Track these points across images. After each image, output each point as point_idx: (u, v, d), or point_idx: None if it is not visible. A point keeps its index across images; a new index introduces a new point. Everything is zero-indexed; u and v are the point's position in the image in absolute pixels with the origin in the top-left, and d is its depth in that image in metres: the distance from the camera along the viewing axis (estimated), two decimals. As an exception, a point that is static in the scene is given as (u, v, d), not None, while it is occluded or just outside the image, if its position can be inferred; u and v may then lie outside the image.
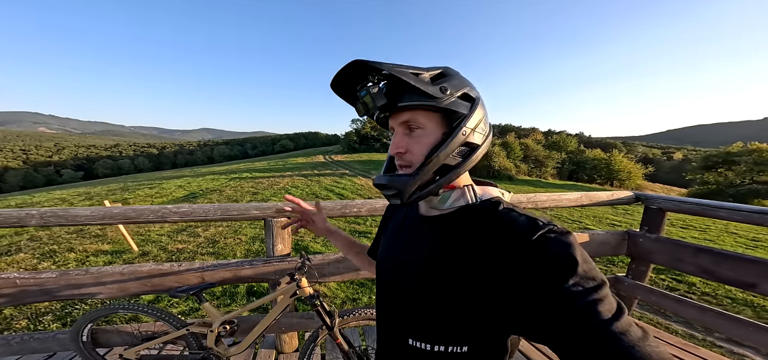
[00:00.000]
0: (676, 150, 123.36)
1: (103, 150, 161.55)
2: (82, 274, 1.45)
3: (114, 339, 1.58)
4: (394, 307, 0.60)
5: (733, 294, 3.73)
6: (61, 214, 1.37)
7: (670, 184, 36.01)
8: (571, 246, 0.41)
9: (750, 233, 7.12)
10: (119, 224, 1.45)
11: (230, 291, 3.46)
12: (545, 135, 50.36)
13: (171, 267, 1.50)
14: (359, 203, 1.59)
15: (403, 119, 0.51)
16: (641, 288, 1.92)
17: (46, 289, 1.43)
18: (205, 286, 1.45)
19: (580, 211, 9.06)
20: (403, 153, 0.52)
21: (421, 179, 0.50)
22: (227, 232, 5.95)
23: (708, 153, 23.92)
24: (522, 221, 0.46)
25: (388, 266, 0.64)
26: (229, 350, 1.47)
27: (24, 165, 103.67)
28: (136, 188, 13.38)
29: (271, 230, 1.59)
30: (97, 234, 5.81)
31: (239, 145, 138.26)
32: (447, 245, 0.52)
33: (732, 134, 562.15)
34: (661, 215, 1.86)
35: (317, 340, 1.46)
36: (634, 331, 0.35)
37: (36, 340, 1.55)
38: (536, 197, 1.85)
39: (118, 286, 1.48)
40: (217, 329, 1.41)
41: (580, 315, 0.36)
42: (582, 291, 0.37)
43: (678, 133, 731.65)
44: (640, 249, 1.90)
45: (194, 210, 1.48)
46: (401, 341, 0.56)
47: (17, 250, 4.94)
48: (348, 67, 0.47)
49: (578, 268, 0.39)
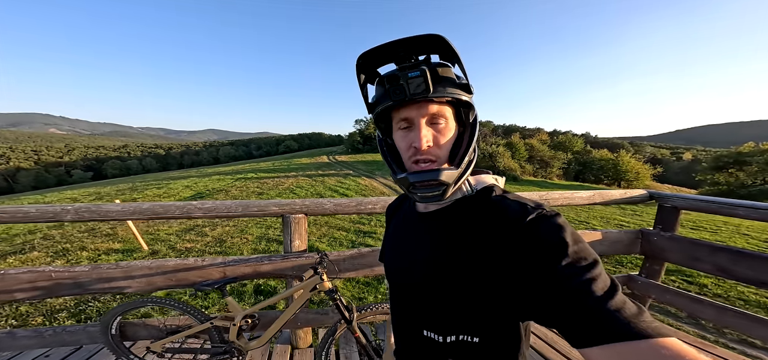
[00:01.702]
0: (685, 150, 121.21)
1: (111, 151, 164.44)
2: (113, 268, 1.51)
3: (140, 332, 1.63)
4: (405, 304, 0.61)
5: (745, 296, 3.65)
6: (94, 210, 1.44)
7: (680, 185, 35.40)
8: (562, 228, 0.42)
9: (762, 235, 6.96)
10: (146, 219, 1.50)
11: (238, 290, 3.50)
12: (550, 135, 49.86)
13: (195, 262, 1.55)
14: (374, 200, 1.63)
15: (433, 111, 0.49)
16: (655, 287, 1.90)
17: (79, 282, 1.49)
18: (228, 281, 1.49)
19: (587, 212, 8.95)
20: (432, 146, 0.50)
21: (464, 172, 0.50)
22: (234, 232, 6.01)
23: (718, 153, 23.46)
24: (513, 207, 0.47)
25: (395, 267, 0.65)
26: (249, 344, 1.51)
27: (35, 165, 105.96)
28: (144, 188, 13.59)
29: (289, 227, 1.62)
30: (108, 233, 5.92)
31: (244, 146, 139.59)
32: (447, 240, 0.52)
33: (743, 134, 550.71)
34: (675, 214, 1.84)
35: (336, 333, 1.49)
36: (629, 306, 0.35)
37: (67, 332, 1.61)
38: (549, 195, 1.85)
39: (145, 280, 1.53)
40: (239, 323, 1.45)
41: (575, 295, 0.36)
42: (575, 271, 0.37)
43: (687, 133, 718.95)
44: (654, 248, 1.88)
45: (217, 206, 1.53)
46: (416, 333, 0.57)
47: (31, 249, 5.05)
48: (419, 39, 0.45)
49: (569, 249, 0.39)
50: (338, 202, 1.60)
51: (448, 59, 0.49)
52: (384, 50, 0.47)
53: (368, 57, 0.48)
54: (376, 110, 0.52)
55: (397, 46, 0.46)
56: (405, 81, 0.45)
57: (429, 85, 0.45)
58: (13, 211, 1.40)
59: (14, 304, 3.05)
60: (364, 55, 0.48)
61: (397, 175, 0.52)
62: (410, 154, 0.51)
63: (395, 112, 0.51)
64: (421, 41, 0.45)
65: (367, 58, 0.48)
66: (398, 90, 0.46)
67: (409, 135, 0.50)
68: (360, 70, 0.50)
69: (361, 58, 0.48)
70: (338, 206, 1.60)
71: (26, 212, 1.40)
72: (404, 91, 0.46)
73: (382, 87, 0.50)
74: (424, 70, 0.45)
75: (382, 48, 0.47)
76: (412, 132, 0.50)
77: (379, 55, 0.48)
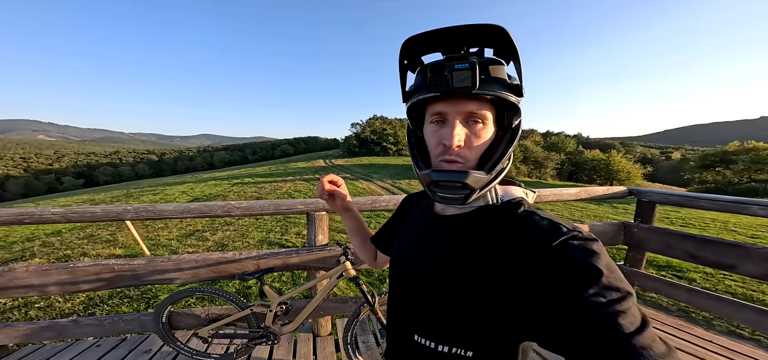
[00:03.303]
0: (674, 150, 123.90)
1: (102, 157, 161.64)
2: (165, 261, 1.64)
3: (185, 321, 1.74)
4: (402, 303, 0.59)
5: (732, 289, 3.84)
6: (151, 209, 1.58)
7: (670, 183, 36.15)
8: (596, 254, 0.38)
9: (749, 231, 7.22)
10: (195, 218, 1.65)
11: (243, 291, 3.55)
12: (544, 136, 50.61)
13: (234, 255, 1.69)
14: (387, 198, 1.77)
15: (470, 109, 0.45)
16: (638, 275, 2.08)
17: (136, 273, 1.61)
18: (266, 271, 1.62)
19: (580, 211, 9.17)
20: (462, 146, 0.46)
21: (494, 179, 0.47)
22: (235, 236, 6.04)
23: (705, 152, 24.12)
24: (544, 225, 0.43)
25: (401, 263, 0.62)
26: (282, 329, 1.65)
27: (25, 173, 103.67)
28: (139, 195, 13.47)
29: (313, 223, 1.75)
30: (107, 239, 5.91)
31: (239, 151, 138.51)
32: (460, 246, 0.49)
33: (729, 133, 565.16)
34: (651, 207, 2.04)
35: (359, 316, 1.63)
36: (657, 345, 0.33)
37: (124, 321, 1.71)
38: (540, 192, 2.02)
39: (192, 272, 1.66)
40: (275, 309, 1.59)
41: (599, 326, 0.34)
42: (604, 302, 0.35)
43: (675, 133, 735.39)
44: (635, 238, 2.07)
45: (252, 205, 1.65)
46: (408, 337, 0.55)
47: (31, 256, 5.04)
48: (480, 28, 0.41)
49: (602, 277, 0.36)
50: (356, 200, 1.76)
51: (504, 55, 0.45)
52: (434, 36, 0.43)
53: (415, 42, 0.44)
54: (411, 100, 0.49)
55: (448, 33, 0.43)
56: (449, 72, 0.42)
57: (475, 81, 0.42)
58: (81, 211, 1.52)
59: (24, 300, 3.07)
60: (411, 40, 0.44)
61: (421, 170, 0.49)
62: (439, 151, 0.48)
63: (430, 105, 0.48)
64: (478, 31, 0.42)
65: (414, 43, 0.45)
66: (440, 81, 0.43)
67: (441, 131, 0.47)
68: (404, 54, 0.46)
69: (408, 42, 0.44)
70: (356, 204, 1.76)
71: (93, 212, 1.53)
72: (447, 83, 0.43)
73: (422, 76, 0.48)
74: (473, 63, 0.41)
75: (431, 33, 0.43)
76: (444, 128, 0.47)
77: (428, 42, 0.44)
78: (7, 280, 1.50)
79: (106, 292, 3.38)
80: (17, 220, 1.48)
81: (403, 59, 0.47)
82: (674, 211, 8.47)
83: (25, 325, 1.66)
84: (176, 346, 1.70)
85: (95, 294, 3.35)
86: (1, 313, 3.04)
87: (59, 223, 1.61)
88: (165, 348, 1.81)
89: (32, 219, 1.49)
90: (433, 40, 0.44)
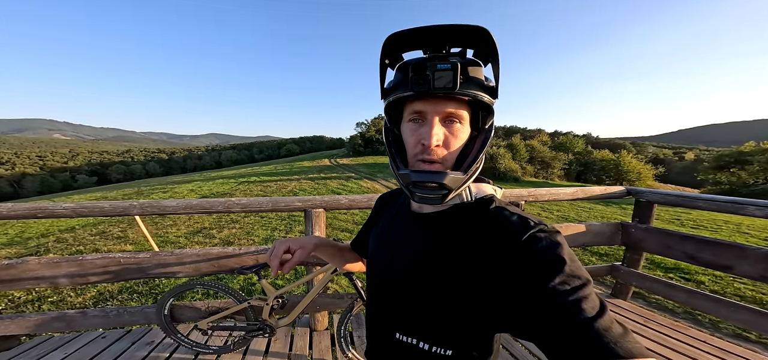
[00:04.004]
0: (687, 150, 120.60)
1: (115, 155, 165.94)
2: (168, 255, 1.70)
3: (186, 314, 1.80)
4: (382, 302, 0.59)
5: (741, 292, 3.75)
6: (155, 205, 1.63)
7: (682, 184, 35.23)
8: (560, 245, 0.41)
9: (762, 233, 7.01)
10: (195, 214, 1.71)
11: (247, 288, 3.62)
12: (551, 136, 49.85)
13: (234, 250, 1.75)
14: None
15: (449, 110, 0.46)
16: (636, 275, 2.06)
17: (141, 267, 1.67)
18: (263, 266, 1.67)
19: (588, 212, 9.03)
20: (440, 146, 0.47)
21: (469, 179, 0.48)
22: (241, 234, 6.15)
23: (720, 153, 23.43)
24: (514, 220, 0.45)
25: (378, 262, 0.62)
26: (279, 322, 1.70)
27: (41, 171, 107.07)
28: (149, 193, 13.80)
29: (310, 220, 1.79)
30: (118, 235, 6.09)
31: (246, 150, 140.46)
32: (437, 244, 0.51)
33: (745, 133, 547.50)
34: (650, 207, 2.01)
35: (353, 310, 1.68)
36: (615, 328, 0.36)
37: (128, 313, 1.78)
38: (536, 192, 2.00)
39: (193, 266, 1.72)
40: (272, 303, 1.63)
41: (564, 312, 0.36)
42: (568, 290, 0.37)
43: (689, 132, 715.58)
44: (632, 238, 2.05)
45: (251, 202, 1.71)
46: (389, 335, 0.56)
47: (46, 251, 5.22)
48: (463, 28, 0.41)
49: (565, 267, 0.39)
50: (352, 198, 1.80)
51: (484, 57, 0.46)
52: (417, 34, 0.43)
53: (397, 39, 0.44)
54: (390, 97, 0.49)
55: (432, 32, 0.42)
56: (432, 72, 0.42)
57: (456, 82, 0.42)
58: (91, 206, 1.59)
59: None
60: (393, 37, 0.44)
61: (399, 170, 0.49)
62: (418, 150, 0.48)
63: (410, 103, 0.48)
64: (461, 32, 0.42)
65: (396, 40, 0.44)
66: (422, 80, 0.43)
67: (420, 130, 0.47)
68: (385, 51, 0.46)
69: (390, 39, 0.44)
70: (353, 201, 1.79)
71: (102, 208, 1.60)
72: (428, 82, 0.43)
73: (402, 73, 0.48)
74: (455, 64, 0.42)
75: (415, 31, 0.43)
76: (423, 127, 0.47)
77: (410, 39, 0.44)
78: (20, 272, 1.59)
79: (115, 287, 3.50)
80: (31, 214, 1.56)
81: (385, 56, 0.47)
82: (685, 214, 8.27)
83: (36, 315, 1.74)
84: (177, 339, 1.76)
85: (105, 289, 3.47)
86: (16, 306, 3.18)
87: (70, 217, 1.68)
88: (166, 340, 1.88)
89: (45, 214, 1.57)
90: (416, 38, 0.44)
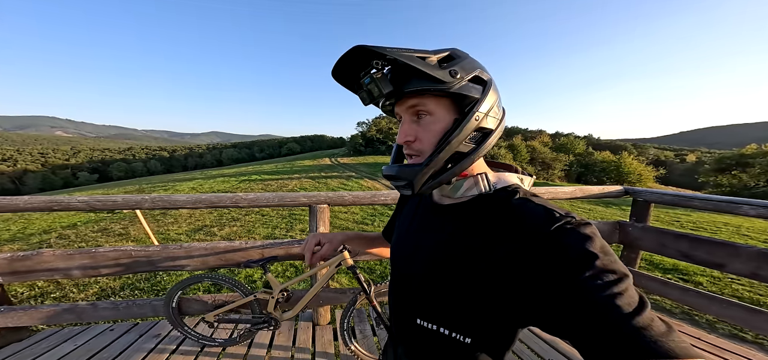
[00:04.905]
0: (689, 152, 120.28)
1: (117, 153, 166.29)
2: (177, 248, 1.74)
3: (193, 307, 1.83)
4: (403, 290, 0.61)
5: (739, 293, 3.78)
6: (166, 199, 1.68)
7: (684, 186, 35.22)
8: (590, 238, 0.39)
9: (762, 235, 7.03)
10: (206, 208, 1.72)
11: (250, 284, 3.67)
12: (552, 137, 49.84)
13: (240, 244, 1.79)
14: (386, 193, 1.85)
15: (410, 105, 0.49)
16: (632, 273, 2.09)
17: (151, 259, 1.71)
18: (269, 259, 1.70)
19: (587, 213, 9.06)
20: (412, 141, 0.50)
21: (432, 168, 0.48)
22: (241, 232, 6.19)
23: (721, 155, 23.41)
24: (538, 212, 0.44)
25: (400, 252, 0.64)
26: (283, 315, 1.73)
27: (42, 168, 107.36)
28: (151, 190, 13.86)
29: (315, 215, 1.84)
30: (120, 232, 6.14)
31: (247, 148, 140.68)
32: (457, 236, 0.51)
33: (747, 135, 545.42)
34: (646, 207, 2.05)
35: (356, 303, 1.70)
36: (656, 325, 0.33)
37: (137, 305, 1.82)
38: (534, 190, 2.04)
39: (201, 259, 1.76)
40: (277, 296, 1.67)
41: (597, 309, 0.34)
42: (601, 284, 0.35)
43: (691, 134, 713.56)
44: (629, 237, 2.08)
45: (258, 197, 1.75)
46: (410, 321, 0.58)
47: (48, 247, 5.28)
48: (349, 53, 0.44)
49: (597, 260, 0.37)
50: (356, 195, 1.85)
51: (382, 59, 0.46)
52: (345, 62, 0.46)
53: (337, 71, 0.49)
54: (378, 108, 0.55)
55: (350, 55, 0.45)
56: (365, 89, 0.47)
57: (380, 88, 0.45)
58: (104, 200, 1.64)
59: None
60: (333, 72, 0.49)
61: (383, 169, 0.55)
62: (404, 148, 0.53)
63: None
64: (358, 52, 0.44)
65: (337, 73, 0.49)
66: (364, 97, 0.49)
67: (401, 129, 0.52)
68: (341, 83, 0.51)
69: (334, 74, 0.49)
70: (356, 198, 1.84)
71: (114, 201, 1.64)
72: (369, 95, 0.48)
73: None
74: (372, 75, 0.45)
75: (340, 61, 0.46)
76: (401, 126, 0.52)
77: (345, 67, 0.48)
78: (35, 263, 1.63)
79: (117, 284, 3.54)
80: (48, 206, 1.61)
81: (342, 85, 0.52)
82: (685, 215, 8.29)
83: (48, 307, 1.78)
84: (184, 331, 1.80)
85: (107, 286, 3.51)
86: (19, 301, 3.23)
87: (84, 211, 1.72)
88: (173, 333, 1.92)
89: (61, 206, 1.62)
90: (348, 64, 0.47)
